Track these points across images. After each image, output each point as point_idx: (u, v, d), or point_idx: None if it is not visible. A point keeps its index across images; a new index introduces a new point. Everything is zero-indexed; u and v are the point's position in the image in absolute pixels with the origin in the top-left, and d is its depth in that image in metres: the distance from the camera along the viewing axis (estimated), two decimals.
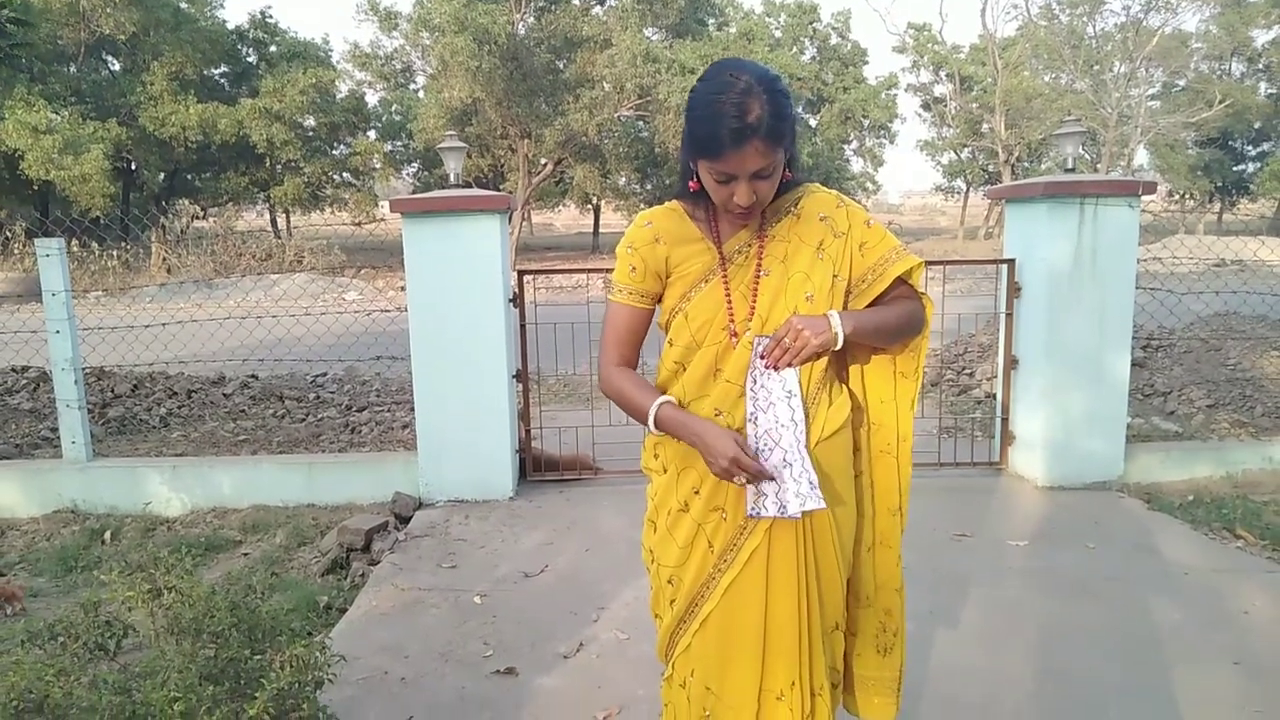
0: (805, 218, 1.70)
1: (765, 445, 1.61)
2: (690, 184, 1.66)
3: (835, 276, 1.67)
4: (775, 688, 1.70)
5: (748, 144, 1.49)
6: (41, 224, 5.79)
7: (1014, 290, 4.82)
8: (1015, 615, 3.29)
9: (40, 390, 6.77)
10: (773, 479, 1.59)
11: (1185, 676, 2.82)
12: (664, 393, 1.78)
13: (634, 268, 1.71)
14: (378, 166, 27.86)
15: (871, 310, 1.70)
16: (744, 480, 1.58)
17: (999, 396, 5.02)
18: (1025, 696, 2.74)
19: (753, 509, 1.62)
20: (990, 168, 36.80)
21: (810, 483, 1.59)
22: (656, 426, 1.68)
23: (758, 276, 1.67)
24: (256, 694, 1.86)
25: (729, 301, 1.67)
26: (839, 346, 1.61)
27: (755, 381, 1.64)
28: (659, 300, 1.76)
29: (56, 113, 19.45)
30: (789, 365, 1.60)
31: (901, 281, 1.73)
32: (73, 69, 22.86)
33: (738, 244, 1.69)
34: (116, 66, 24.88)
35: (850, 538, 1.78)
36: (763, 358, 1.62)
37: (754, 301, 1.66)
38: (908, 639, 1.93)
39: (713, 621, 1.71)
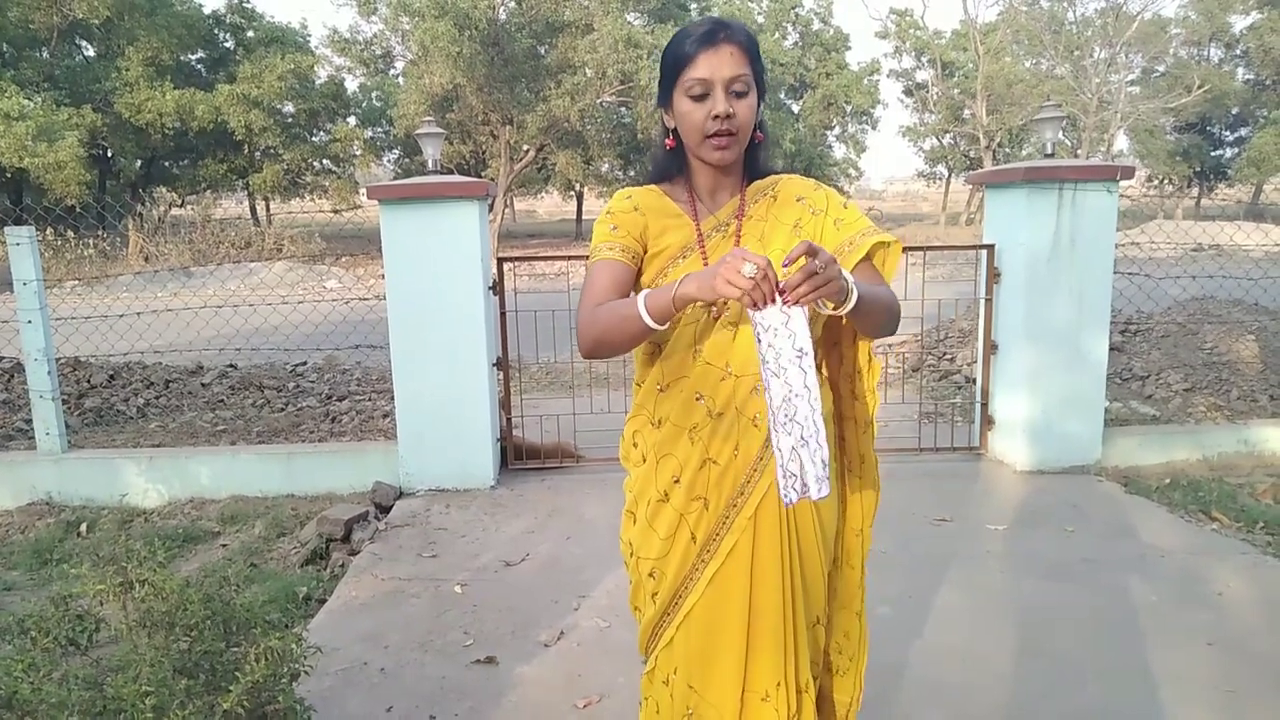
0: (782, 200, 1.69)
1: (785, 418, 1.38)
2: (668, 141, 1.66)
3: None
4: (760, 688, 1.66)
5: (721, 44, 1.54)
6: (14, 212, 5.69)
7: (993, 275, 4.84)
8: (994, 598, 3.32)
9: (14, 381, 6.67)
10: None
11: (1160, 656, 2.86)
12: (640, 384, 1.74)
13: (615, 226, 1.66)
14: (358, 153, 27.57)
15: (869, 284, 1.56)
16: (753, 270, 1.30)
17: (978, 381, 5.05)
18: (1004, 677, 2.76)
19: (785, 495, 1.39)
20: (972, 153, 36.89)
21: (823, 463, 1.37)
22: (652, 315, 1.45)
23: None
24: (230, 687, 1.84)
25: None
26: (850, 306, 1.43)
27: (760, 341, 1.38)
28: (640, 261, 1.65)
29: (29, 99, 19.09)
30: (813, 300, 1.36)
31: (874, 271, 1.67)
32: (45, 54, 22.45)
33: (716, 222, 1.67)
34: (91, 52, 24.46)
35: (832, 527, 1.75)
36: (781, 293, 1.35)
37: None
38: (885, 621, 1.94)
39: (696, 614, 1.67)
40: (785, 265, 1.38)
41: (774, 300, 1.35)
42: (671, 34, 1.72)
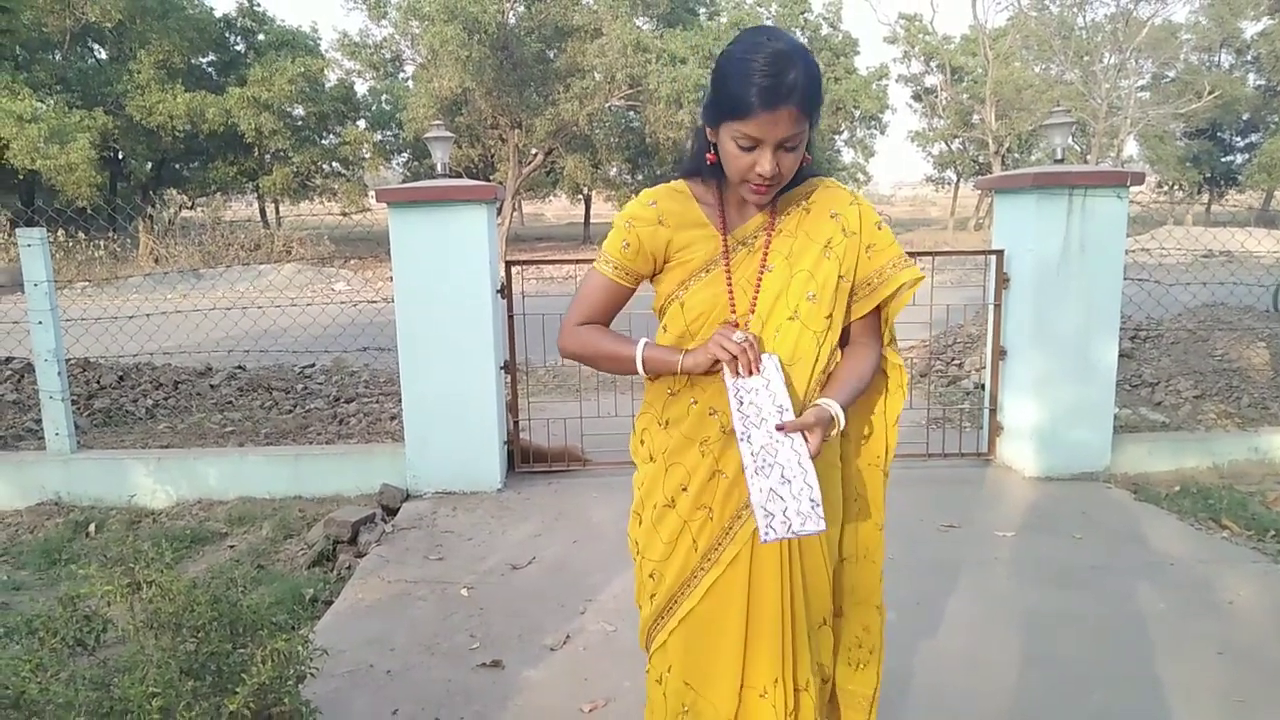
0: (816, 213, 1.65)
1: (764, 462, 1.52)
2: (708, 156, 1.59)
3: (841, 277, 1.62)
4: (758, 685, 1.68)
5: (780, 107, 1.43)
6: (26, 214, 5.73)
7: (1002, 281, 4.82)
8: (1002, 605, 3.30)
9: (25, 381, 6.70)
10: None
11: (1169, 665, 2.84)
12: (652, 380, 1.75)
13: (628, 244, 1.65)
14: (367, 156, 27.67)
15: (847, 382, 1.65)
16: (741, 338, 1.53)
17: (987, 387, 5.03)
18: (1011, 684, 2.74)
19: (764, 533, 1.49)
20: (981, 159, 36.83)
21: (811, 501, 1.49)
22: (646, 370, 1.64)
23: (761, 271, 1.62)
24: (237, 689, 1.84)
25: (731, 294, 1.62)
26: (842, 428, 1.60)
27: (742, 403, 1.55)
28: (642, 281, 1.71)
29: (42, 101, 19.25)
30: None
31: (875, 312, 1.69)
32: (58, 57, 22.63)
33: (744, 234, 1.64)
34: (103, 55, 24.65)
35: (836, 533, 1.76)
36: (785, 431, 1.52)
37: (756, 296, 1.62)
38: (891, 627, 1.92)
39: (694, 619, 1.69)
40: (777, 369, 1.56)
41: (758, 369, 1.54)
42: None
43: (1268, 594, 3.36)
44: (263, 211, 31.96)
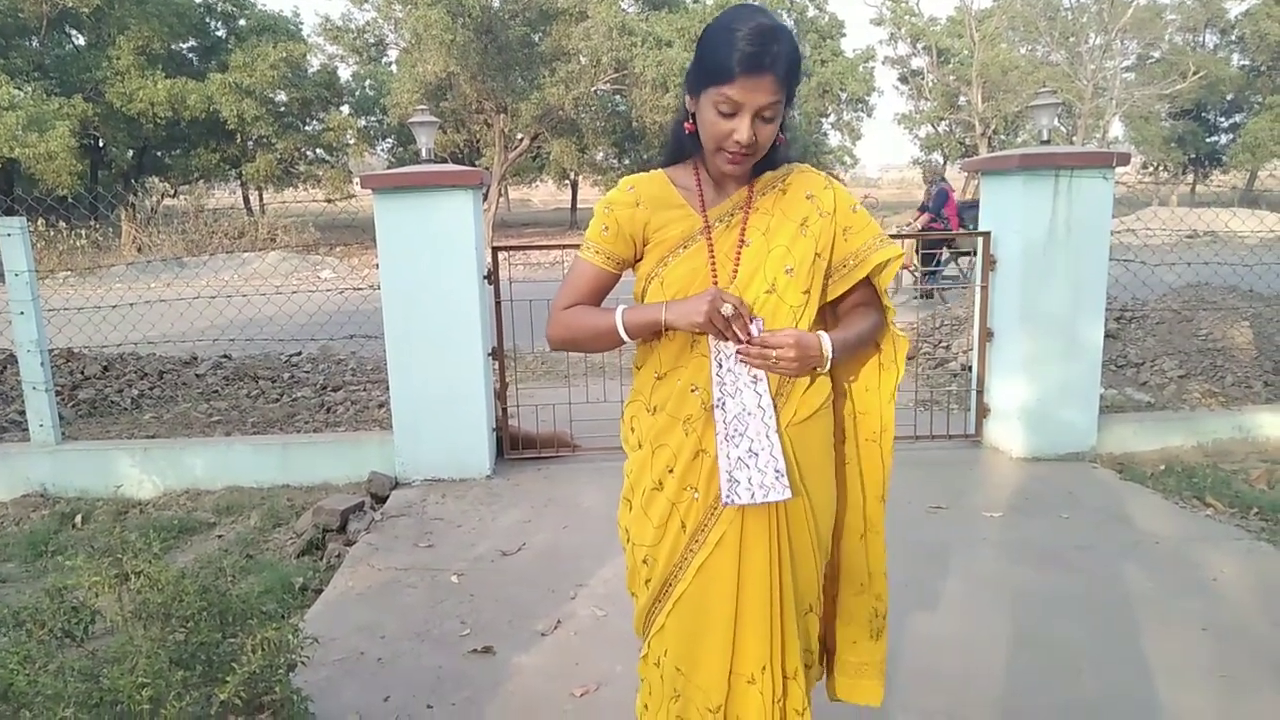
0: (791, 194, 1.68)
1: (734, 432, 1.60)
2: (686, 125, 1.63)
3: (817, 255, 1.65)
4: (746, 671, 1.68)
5: (763, 73, 1.47)
6: (6, 203, 5.66)
7: (989, 263, 4.84)
8: (990, 586, 3.33)
9: (7, 373, 6.65)
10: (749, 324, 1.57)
11: (1156, 642, 2.87)
12: (639, 368, 1.75)
13: (607, 228, 1.68)
14: (351, 142, 27.42)
15: (848, 330, 1.68)
16: (730, 311, 1.52)
17: (974, 369, 5.05)
18: (1000, 665, 2.77)
19: (726, 497, 1.60)
20: (967, 141, 36.81)
21: (776, 472, 1.58)
22: (629, 334, 1.64)
23: (740, 245, 1.65)
24: (227, 678, 1.84)
25: (713, 266, 1.64)
26: (825, 370, 1.62)
27: (721, 366, 1.61)
28: (626, 266, 1.73)
29: (19, 88, 18.98)
30: (759, 369, 1.58)
31: (868, 283, 1.72)
32: (35, 43, 22.29)
33: (721, 213, 1.67)
34: (81, 41, 24.28)
35: (828, 522, 1.76)
36: (739, 351, 1.57)
37: (736, 269, 1.64)
38: None
39: (685, 602, 1.70)
40: (760, 333, 1.56)
41: (748, 335, 1.56)
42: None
43: (1251, 571, 3.40)
44: (246, 199, 31.69)
